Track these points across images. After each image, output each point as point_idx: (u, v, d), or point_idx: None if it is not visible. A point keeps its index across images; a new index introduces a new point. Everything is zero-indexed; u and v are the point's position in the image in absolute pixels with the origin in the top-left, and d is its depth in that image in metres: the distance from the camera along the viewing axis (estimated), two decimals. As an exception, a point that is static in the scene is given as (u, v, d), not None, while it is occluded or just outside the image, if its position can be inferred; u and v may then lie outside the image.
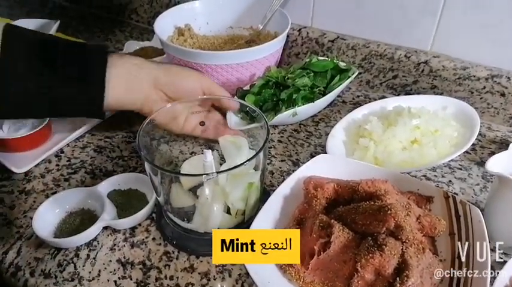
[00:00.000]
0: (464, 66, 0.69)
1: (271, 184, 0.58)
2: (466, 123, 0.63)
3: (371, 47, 0.76)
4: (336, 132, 0.64)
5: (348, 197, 0.48)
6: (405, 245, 0.40)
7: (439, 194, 0.47)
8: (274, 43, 0.69)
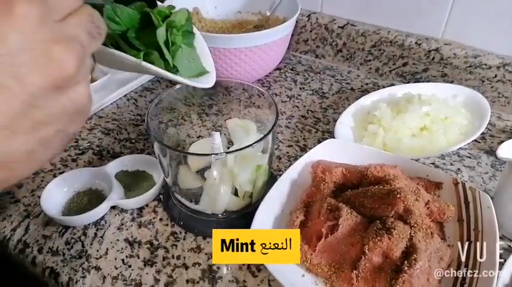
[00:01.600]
0: (476, 54, 0.68)
1: (278, 168, 0.58)
2: (476, 112, 0.62)
3: (381, 34, 0.75)
4: (344, 118, 0.63)
5: (356, 182, 0.48)
6: (413, 230, 0.40)
7: (448, 180, 0.47)
8: (284, 27, 0.68)
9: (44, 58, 0.20)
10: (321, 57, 0.86)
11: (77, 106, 0.23)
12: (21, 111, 0.20)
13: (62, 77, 0.21)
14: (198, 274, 0.44)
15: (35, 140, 0.22)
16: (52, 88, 0.21)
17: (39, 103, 0.21)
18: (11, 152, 0.21)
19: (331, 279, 0.40)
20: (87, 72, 0.23)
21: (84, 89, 0.24)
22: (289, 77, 0.80)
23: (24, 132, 0.21)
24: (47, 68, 0.21)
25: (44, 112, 0.21)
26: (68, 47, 0.22)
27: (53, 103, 0.22)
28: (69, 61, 0.21)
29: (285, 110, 0.71)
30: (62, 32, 0.21)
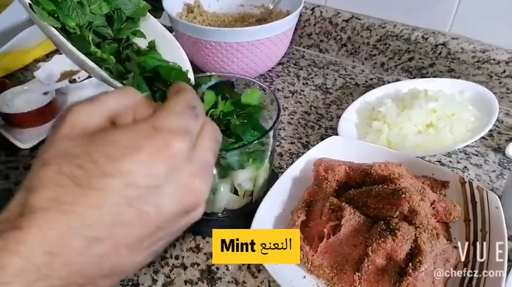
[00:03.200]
0: (484, 49, 0.66)
1: (279, 166, 0.57)
2: (484, 108, 0.60)
3: (387, 28, 0.73)
4: (348, 115, 0.62)
5: (360, 181, 0.46)
6: (418, 231, 0.39)
7: (455, 179, 0.46)
8: (286, 21, 0.67)
9: (185, 189, 0.23)
10: (325, 51, 0.85)
11: (190, 223, 0.25)
12: (151, 233, 0.22)
13: (195, 205, 0.24)
14: (197, 274, 0.43)
15: (149, 254, 0.24)
16: (183, 213, 0.23)
17: (166, 226, 0.23)
18: (128, 266, 0.23)
19: (333, 281, 0.39)
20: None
21: (203, 209, 0.26)
22: (292, 72, 0.79)
23: (144, 249, 0.23)
24: (185, 198, 0.23)
25: (166, 232, 0.23)
26: (206, 179, 0.24)
27: (176, 224, 0.24)
28: (204, 192, 0.24)
29: (287, 105, 0.69)
30: (200, 162, 0.24)
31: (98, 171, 0.20)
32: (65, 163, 0.20)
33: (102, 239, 0.21)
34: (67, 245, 0.20)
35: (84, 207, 0.20)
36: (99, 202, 0.20)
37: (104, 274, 0.22)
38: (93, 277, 0.21)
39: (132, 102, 0.24)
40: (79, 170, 0.20)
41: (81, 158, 0.20)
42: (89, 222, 0.20)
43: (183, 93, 0.25)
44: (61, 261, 0.20)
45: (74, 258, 0.20)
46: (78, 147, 0.21)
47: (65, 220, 0.20)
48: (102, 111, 0.23)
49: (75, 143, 0.21)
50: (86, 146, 0.21)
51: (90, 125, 0.22)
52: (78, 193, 0.20)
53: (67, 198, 0.20)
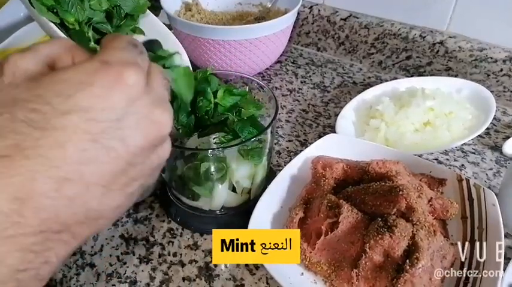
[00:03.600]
0: (482, 48, 0.66)
1: (277, 163, 0.57)
2: (481, 107, 0.60)
3: (385, 26, 0.74)
4: (346, 113, 0.62)
5: (358, 178, 0.47)
6: (416, 228, 0.39)
7: (452, 176, 0.46)
8: (284, 19, 0.67)
9: (146, 121, 0.22)
10: (323, 50, 0.85)
11: (161, 161, 0.25)
12: (121, 170, 0.22)
13: (159, 136, 0.23)
14: (195, 271, 0.43)
15: (124, 196, 0.23)
16: (150, 147, 0.23)
17: (136, 161, 0.22)
18: (103, 209, 0.22)
19: (330, 278, 0.39)
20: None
21: (169, 145, 0.26)
22: (290, 70, 0.79)
23: (117, 189, 0.22)
24: (149, 130, 0.23)
25: (137, 169, 0.23)
26: (165, 109, 0.24)
27: (146, 160, 0.23)
28: (167, 122, 0.24)
29: (285, 104, 0.69)
30: (157, 94, 0.23)
31: (54, 111, 0.20)
32: (17, 109, 0.20)
33: (71, 179, 0.20)
34: (34, 190, 0.19)
35: (46, 148, 0.19)
36: (62, 141, 0.20)
37: (78, 218, 0.21)
38: (68, 222, 0.21)
39: (68, 49, 0.24)
40: (34, 114, 0.19)
41: (34, 102, 0.20)
42: (54, 163, 0.19)
43: (120, 35, 0.25)
44: (31, 207, 0.19)
45: (43, 202, 0.19)
46: (26, 92, 0.20)
47: (28, 164, 0.19)
48: (39, 57, 0.22)
49: (21, 89, 0.21)
50: (34, 89, 0.20)
51: (30, 71, 0.21)
52: (38, 136, 0.19)
53: (27, 143, 0.19)
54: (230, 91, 0.43)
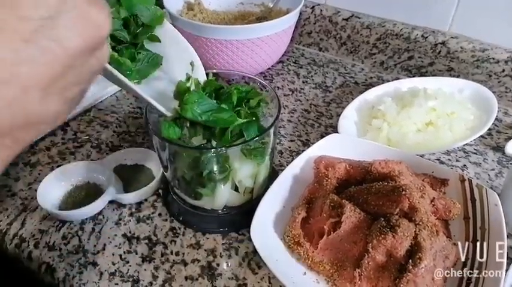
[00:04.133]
0: (484, 48, 0.66)
1: (280, 163, 0.57)
2: (483, 107, 0.60)
3: (387, 26, 0.74)
4: (348, 113, 0.62)
5: (360, 178, 0.47)
6: (418, 228, 0.39)
7: (455, 177, 0.46)
8: (286, 19, 0.67)
9: (83, 21, 0.21)
10: (325, 50, 0.85)
11: (101, 65, 0.24)
12: (60, 73, 0.21)
13: (98, 38, 0.22)
14: (197, 270, 0.43)
15: (64, 100, 0.22)
16: (88, 49, 0.22)
17: (74, 64, 0.21)
18: (42, 114, 0.21)
19: (333, 277, 0.39)
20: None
21: (107, 49, 0.24)
22: (292, 70, 0.79)
23: (56, 93, 0.21)
24: (86, 30, 0.21)
25: (76, 73, 0.22)
26: (102, 8, 0.22)
27: (85, 64, 0.22)
28: (105, 22, 0.22)
29: (287, 103, 0.69)
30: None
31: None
32: None
33: (6, 81, 0.19)
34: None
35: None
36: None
37: (18, 123, 0.20)
38: (8, 127, 0.20)
39: None
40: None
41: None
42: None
43: None
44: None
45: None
46: None
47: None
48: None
49: None
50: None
51: None
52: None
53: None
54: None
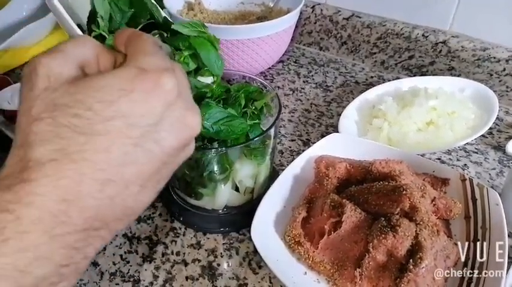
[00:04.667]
0: (484, 47, 0.66)
1: (280, 163, 0.57)
2: (484, 106, 0.60)
3: (387, 26, 0.73)
4: (349, 112, 0.62)
5: (361, 178, 0.47)
6: (419, 227, 0.39)
7: (456, 176, 0.46)
8: (286, 19, 0.67)
9: (180, 124, 0.24)
10: (325, 49, 0.85)
11: (187, 157, 0.27)
12: (156, 169, 0.23)
13: (190, 137, 0.25)
14: (198, 270, 0.43)
15: (155, 192, 0.25)
16: (181, 147, 0.25)
17: (168, 160, 0.24)
18: (138, 206, 0.23)
19: (333, 277, 0.39)
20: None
21: (193, 144, 0.27)
22: (292, 69, 0.79)
23: (152, 186, 0.24)
24: (181, 132, 0.24)
25: (169, 167, 0.25)
26: (196, 112, 0.25)
27: (176, 159, 0.25)
28: (197, 125, 0.25)
29: (287, 103, 0.69)
30: (186, 96, 0.25)
31: (97, 117, 0.20)
32: (58, 114, 0.20)
33: (113, 181, 0.21)
34: (81, 191, 0.20)
35: (92, 152, 0.20)
36: (106, 146, 0.21)
37: (116, 215, 0.22)
38: (108, 219, 0.22)
39: (94, 50, 0.24)
40: (77, 119, 0.20)
41: (75, 107, 0.20)
42: (99, 166, 0.21)
43: (143, 36, 0.25)
44: (76, 207, 0.20)
45: (88, 203, 0.20)
46: (65, 97, 0.21)
47: (75, 168, 0.20)
48: (70, 59, 0.23)
49: (60, 93, 0.21)
50: (74, 94, 0.21)
51: (65, 74, 0.22)
52: (83, 141, 0.20)
53: (73, 147, 0.20)
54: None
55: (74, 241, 0.20)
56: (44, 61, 0.22)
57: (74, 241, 0.20)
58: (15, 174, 0.20)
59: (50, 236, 0.19)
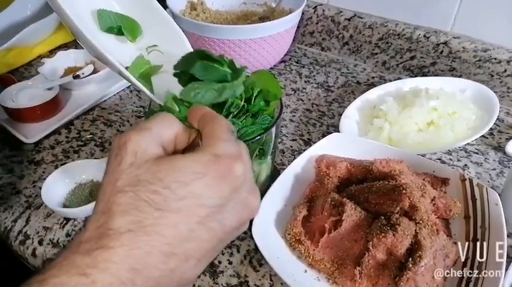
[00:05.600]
0: (486, 48, 0.66)
1: (281, 162, 0.57)
2: (485, 107, 0.61)
3: (389, 26, 0.74)
4: (350, 112, 0.62)
5: (361, 177, 0.47)
6: (419, 226, 0.39)
7: (455, 176, 0.46)
8: (289, 19, 0.67)
9: (242, 206, 0.26)
10: (327, 50, 0.85)
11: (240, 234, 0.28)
12: (215, 246, 0.25)
13: (249, 218, 0.27)
14: (199, 268, 0.43)
15: (207, 264, 0.26)
16: (239, 227, 0.27)
17: (227, 238, 0.26)
18: (191, 278, 0.25)
19: (333, 275, 0.40)
20: None
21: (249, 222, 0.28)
22: (294, 69, 0.79)
23: (206, 260, 0.26)
24: (243, 214, 0.26)
25: (224, 244, 0.27)
26: (257, 196, 0.27)
27: (232, 236, 0.27)
28: (258, 208, 0.27)
29: (289, 103, 0.70)
30: (250, 180, 0.27)
31: (172, 195, 0.23)
32: (140, 189, 0.23)
33: (176, 254, 0.23)
34: (148, 262, 0.22)
35: (163, 227, 0.23)
36: (176, 222, 0.23)
37: (173, 286, 0.24)
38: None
39: (174, 130, 0.27)
40: (155, 196, 0.23)
41: (155, 185, 0.23)
42: (168, 240, 0.23)
43: (218, 119, 0.28)
44: (143, 276, 0.22)
45: (152, 273, 0.22)
46: (148, 174, 0.23)
47: (147, 240, 0.22)
48: (155, 139, 0.26)
49: (143, 170, 0.24)
50: (155, 173, 0.23)
51: (150, 153, 0.25)
52: (158, 215, 0.22)
53: (148, 221, 0.22)
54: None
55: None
56: (133, 138, 0.24)
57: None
58: (94, 239, 0.22)
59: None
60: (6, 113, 0.62)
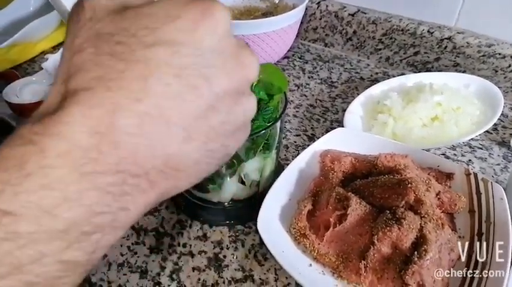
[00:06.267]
0: (490, 43, 0.66)
1: (285, 158, 0.57)
2: (489, 102, 0.60)
3: (393, 22, 0.74)
4: (354, 108, 0.62)
5: (366, 172, 0.47)
6: (424, 220, 0.39)
7: (460, 171, 0.46)
8: (292, 14, 0.67)
9: (232, 61, 0.21)
10: (330, 45, 0.85)
11: (245, 119, 0.23)
12: (203, 112, 0.20)
13: (245, 81, 0.22)
14: (204, 262, 0.43)
15: (204, 150, 0.21)
16: (234, 92, 0.22)
17: (219, 106, 0.21)
18: (183, 160, 0.21)
19: (338, 269, 0.40)
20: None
21: (254, 102, 0.24)
22: (297, 65, 0.79)
23: (197, 138, 0.21)
24: (234, 71, 0.21)
25: (219, 118, 0.21)
26: (252, 52, 0.22)
27: (229, 110, 0.22)
28: (254, 66, 0.22)
29: (292, 99, 0.70)
30: (234, 36, 0.22)
31: (140, 43, 0.19)
32: (101, 43, 0.19)
33: (151, 115, 0.19)
34: (115, 123, 0.18)
35: (129, 80, 0.18)
36: (146, 73, 0.19)
37: (157, 164, 0.20)
38: (147, 166, 0.19)
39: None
40: (119, 46, 0.19)
41: (119, 34, 0.19)
42: (136, 95, 0.18)
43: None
44: (109, 142, 0.18)
45: (123, 138, 0.18)
46: (110, 25, 0.19)
47: (110, 96, 0.18)
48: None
49: (105, 22, 0.20)
50: (119, 22, 0.19)
51: (111, 6, 0.20)
52: (122, 68, 0.18)
53: (111, 75, 0.18)
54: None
55: (107, 183, 0.18)
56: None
57: (107, 184, 0.18)
58: (51, 107, 0.18)
59: (80, 173, 0.17)
60: (11, 109, 0.62)
